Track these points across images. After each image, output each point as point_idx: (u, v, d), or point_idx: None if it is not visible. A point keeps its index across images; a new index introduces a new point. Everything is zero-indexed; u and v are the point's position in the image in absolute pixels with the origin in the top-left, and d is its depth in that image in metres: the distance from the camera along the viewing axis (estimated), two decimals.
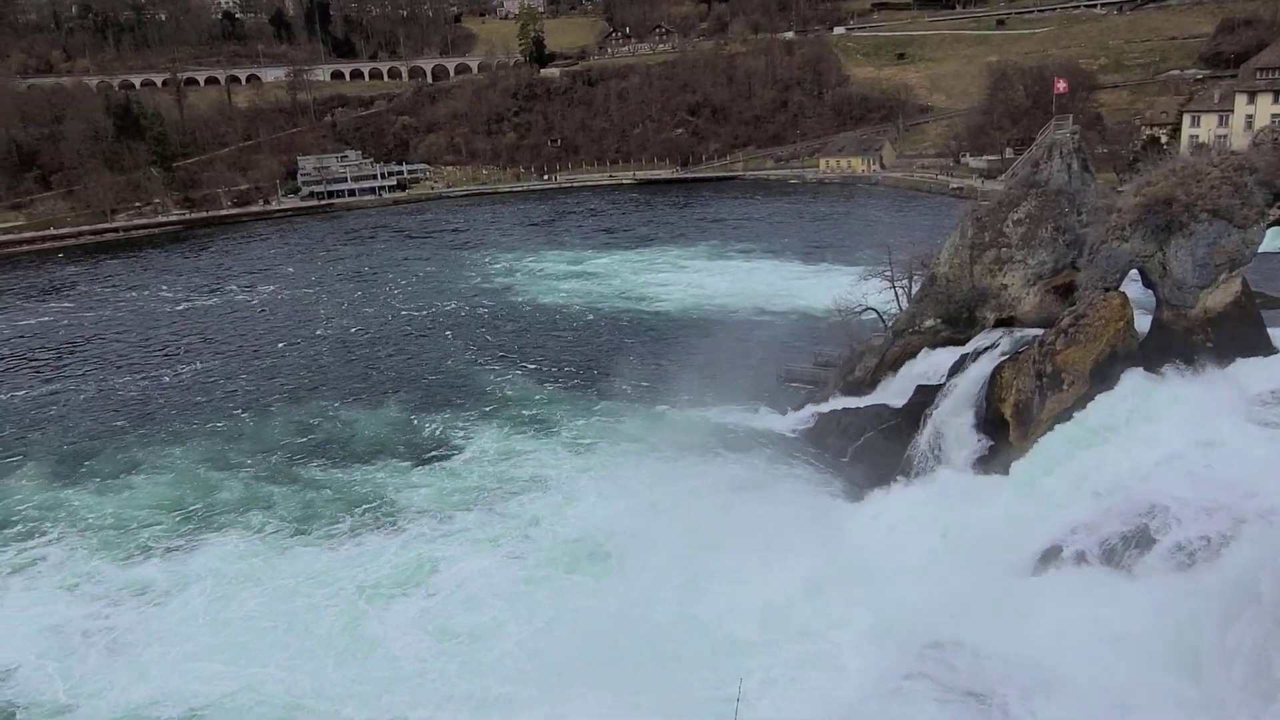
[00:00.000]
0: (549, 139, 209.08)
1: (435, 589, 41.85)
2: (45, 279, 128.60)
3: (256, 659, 37.37)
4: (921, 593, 35.00)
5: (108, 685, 36.24)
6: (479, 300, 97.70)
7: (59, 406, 69.91)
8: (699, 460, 51.49)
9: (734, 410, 58.85)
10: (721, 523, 43.55)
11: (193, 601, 42.00)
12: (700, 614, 37.33)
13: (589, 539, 44.96)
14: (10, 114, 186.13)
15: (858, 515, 43.44)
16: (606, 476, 51.59)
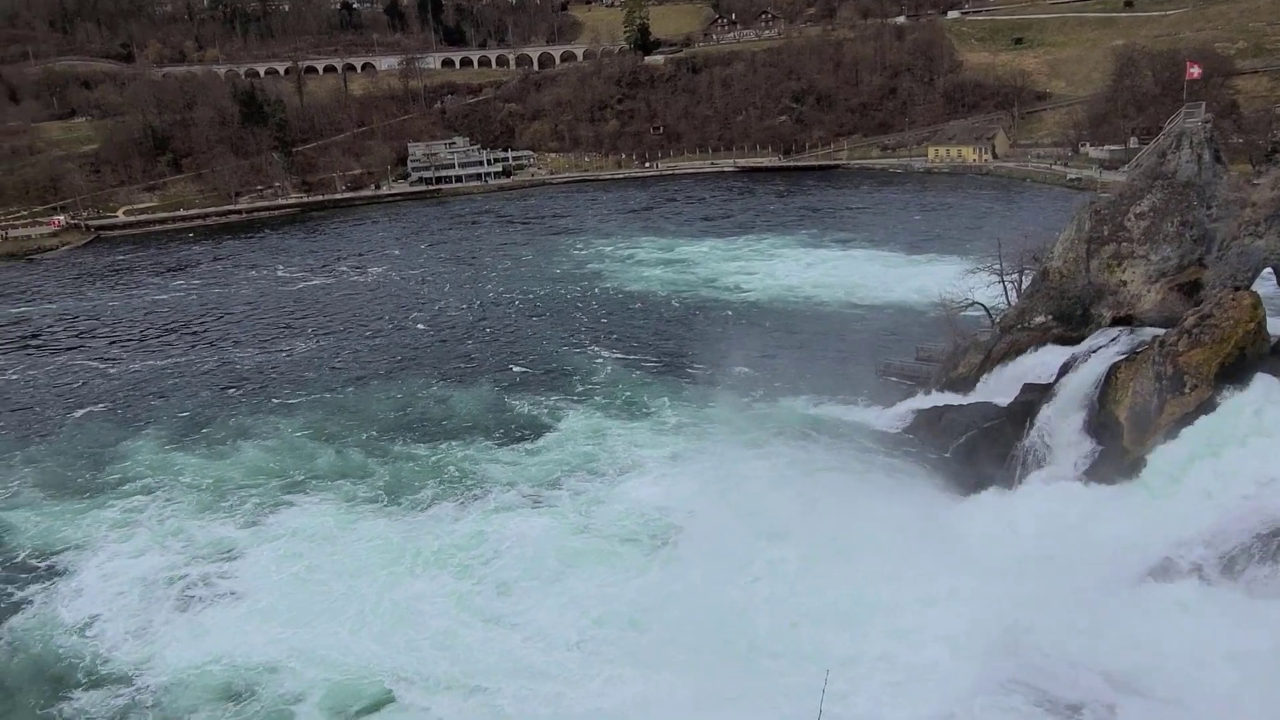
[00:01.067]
0: (651, 126, 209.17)
1: (504, 564, 42.73)
2: (174, 257, 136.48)
3: (310, 623, 38.91)
4: (1021, 598, 33.74)
5: (171, 641, 38.46)
6: (574, 285, 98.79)
7: (182, 376, 74.22)
8: (789, 450, 50.91)
9: (828, 402, 57.94)
10: (809, 513, 43.03)
11: (263, 562, 44.19)
12: (783, 602, 36.98)
13: (670, 520, 45.18)
14: (147, 101, 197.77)
15: (956, 514, 42.22)
16: (692, 461, 51.62)
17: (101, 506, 50.93)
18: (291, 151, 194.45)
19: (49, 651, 38.23)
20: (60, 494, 52.85)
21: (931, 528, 41.08)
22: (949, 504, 43.59)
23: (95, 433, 62.39)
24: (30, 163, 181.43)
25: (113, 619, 40.27)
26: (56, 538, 47.73)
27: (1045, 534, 37.67)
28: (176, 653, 37.57)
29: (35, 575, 44.44)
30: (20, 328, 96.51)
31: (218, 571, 43.70)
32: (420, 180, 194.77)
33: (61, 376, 77.04)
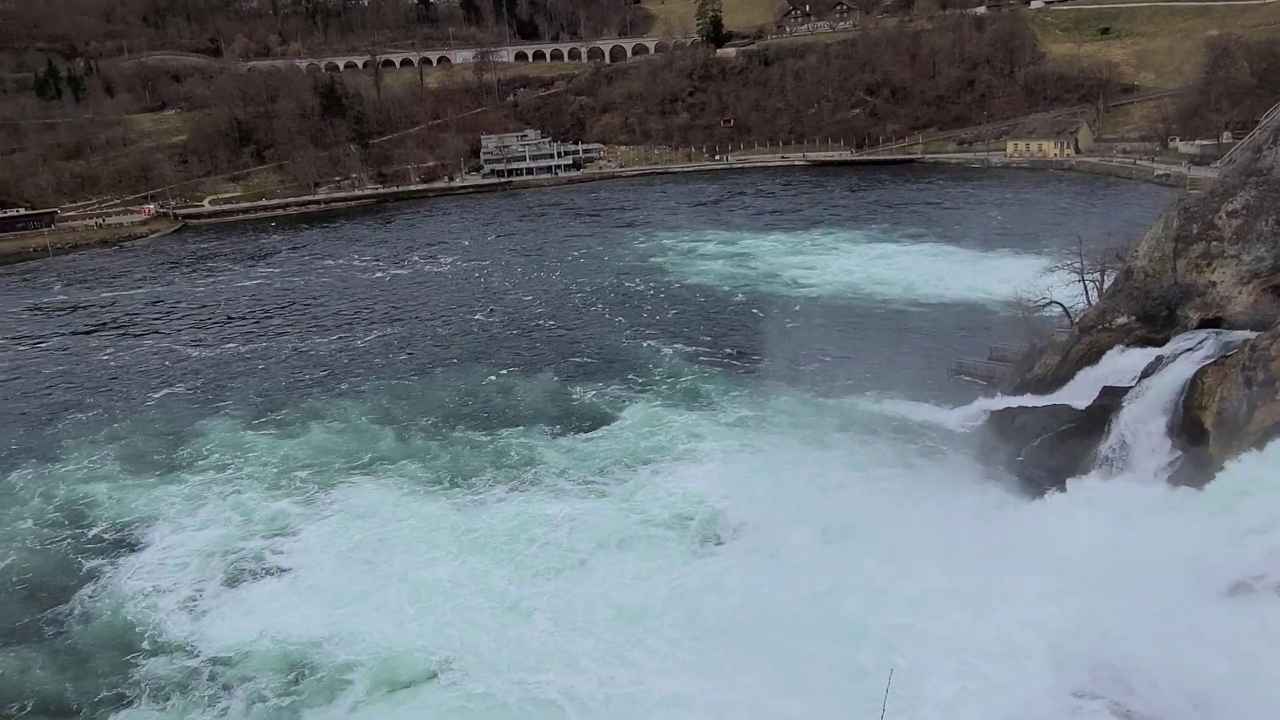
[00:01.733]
0: (722, 119, 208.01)
1: (549, 548, 43.13)
2: (255, 245, 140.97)
3: (357, 600, 39.85)
4: (1095, 606, 32.72)
5: (225, 613, 39.82)
6: (638, 277, 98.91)
7: (260, 360, 76.70)
8: (852, 446, 50.27)
9: (895, 399, 56.94)
10: (872, 510, 42.44)
11: (317, 539, 45.53)
12: (842, 600, 36.48)
13: (726, 512, 45.03)
14: (233, 94, 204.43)
15: (1028, 518, 41.11)
16: (751, 453, 51.35)
17: (173, 481, 53.23)
18: (368, 144, 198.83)
19: (117, 619, 39.94)
20: (137, 468, 55.37)
21: (1002, 531, 40.15)
22: (1020, 507, 42.49)
23: (174, 412, 65.04)
24: (123, 153, 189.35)
25: (173, 590, 41.91)
26: (129, 510, 49.98)
27: (1122, 542, 36.40)
28: (231, 625, 38.92)
29: (107, 546, 46.57)
30: (113, 311, 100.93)
31: (273, 547, 45.25)
32: (492, 172, 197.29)
33: (148, 358, 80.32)
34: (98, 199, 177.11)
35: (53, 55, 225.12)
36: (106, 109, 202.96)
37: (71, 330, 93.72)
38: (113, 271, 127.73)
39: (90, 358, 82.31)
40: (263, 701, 34.07)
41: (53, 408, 68.57)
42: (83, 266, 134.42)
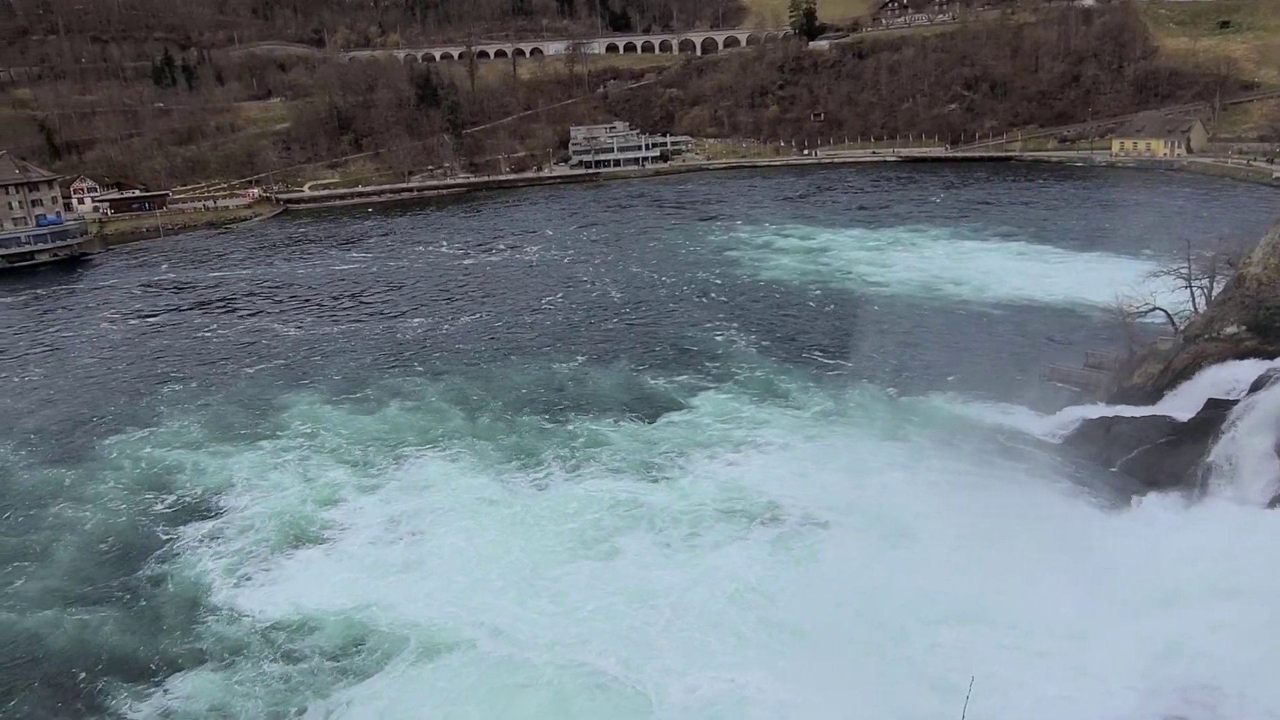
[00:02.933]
0: (812, 113, 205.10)
1: (602, 530, 43.38)
2: (351, 230, 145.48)
3: (401, 571, 40.95)
4: (1190, 628, 31.22)
5: (279, 584, 41.12)
6: (720, 269, 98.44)
7: (349, 340, 79.26)
8: (932, 448, 49.02)
9: (980, 402, 55.30)
10: (951, 514, 41.31)
11: (371, 512, 46.86)
12: (913, 602, 35.60)
13: (794, 506, 44.41)
14: (334, 83, 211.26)
15: (1120, 533, 39.45)
16: (823, 449, 50.57)
17: (253, 450, 55.67)
18: (461, 133, 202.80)
19: (185, 582, 41.78)
20: (222, 437, 58.10)
21: (1091, 544, 38.65)
22: (1112, 521, 40.82)
23: (264, 386, 67.91)
24: (231, 139, 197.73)
25: (239, 555, 43.65)
26: (208, 476, 52.45)
27: (1222, 562, 34.60)
28: (289, 590, 40.36)
29: (184, 511, 48.84)
30: (217, 290, 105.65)
31: (333, 516, 46.91)
32: (580, 163, 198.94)
33: (245, 335, 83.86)
34: (206, 183, 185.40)
35: (169, 45, 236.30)
36: (217, 97, 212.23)
37: (178, 307, 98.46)
38: (217, 252, 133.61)
39: (192, 333, 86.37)
40: (311, 665, 35.18)
41: (153, 379, 72.36)
42: (190, 247, 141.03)
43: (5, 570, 43.30)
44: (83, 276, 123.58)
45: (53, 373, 76.52)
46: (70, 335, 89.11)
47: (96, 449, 57.60)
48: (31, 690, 34.55)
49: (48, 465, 55.53)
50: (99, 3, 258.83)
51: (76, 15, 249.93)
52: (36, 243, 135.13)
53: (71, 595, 40.86)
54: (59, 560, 44.09)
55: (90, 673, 35.36)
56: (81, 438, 59.91)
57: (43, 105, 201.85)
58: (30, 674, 35.56)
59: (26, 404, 68.36)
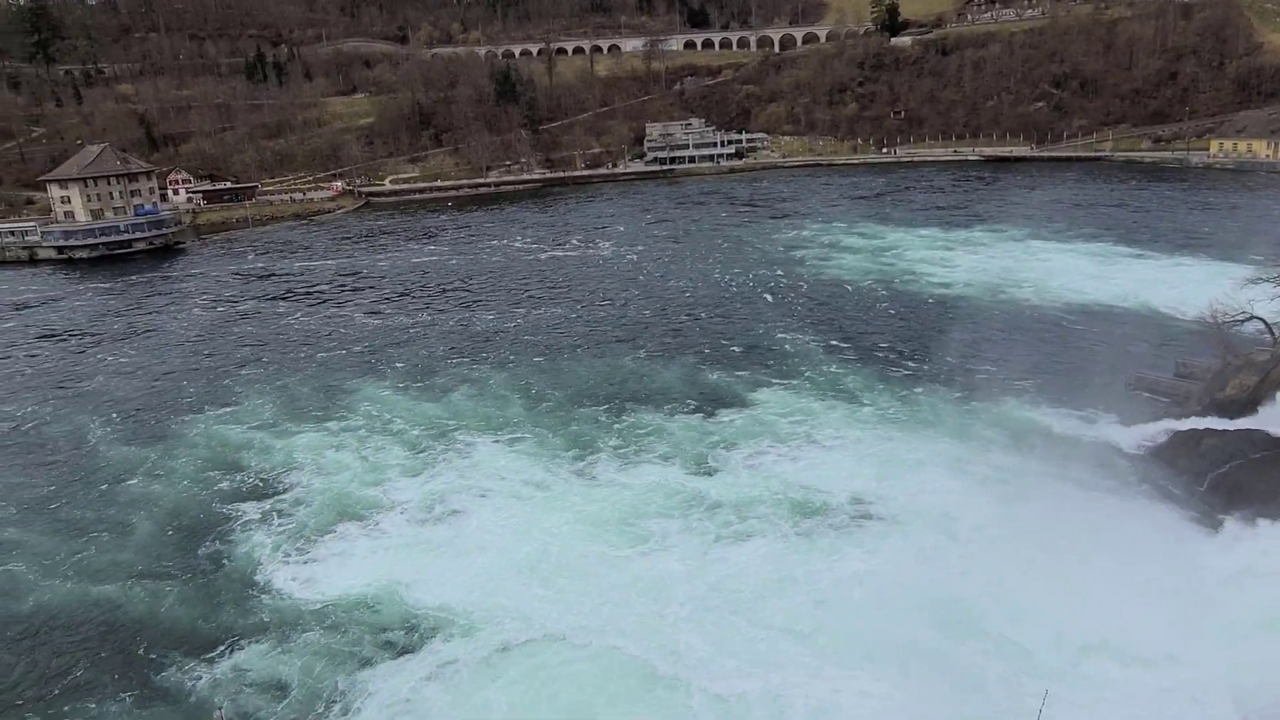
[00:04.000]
0: (892, 111, 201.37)
1: (647, 519, 43.44)
2: (428, 223, 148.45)
3: (440, 557, 41.57)
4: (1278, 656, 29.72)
5: (323, 566, 42.05)
6: (790, 267, 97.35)
7: (422, 330, 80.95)
8: (1005, 454, 47.69)
9: (1060, 411, 53.50)
10: (1022, 523, 40.13)
11: (420, 493, 47.78)
12: (988, 610, 34.57)
13: (857, 504, 43.74)
14: (416, 80, 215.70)
15: (1205, 553, 37.71)
16: (891, 449, 49.52)
17: (320, 431, 57.60)
18: (538, 129, 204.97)
19: (246, 558, 43.16)
20: (292, 419, 60.26)
21: (1173, 563, 37.00)
22: (1197, 540, 39.03)
23: (337, 371, 70.00)
24: (317, 134, 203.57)
25: (297, 533, 44.95)
26: (275, 455, 54.33)
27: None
28: (340, 570, 41.54)
29: (250, 489, 50.56)
30: (302, 280, 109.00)
31: (387, 497, 48.06)
32: (655, 160, 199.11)
33: (325, 323, 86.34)
34: (293, 175, 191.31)
35: (261, 42, 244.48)
36: (305, 92, 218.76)
37: (263, 295, 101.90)
38: (302, 243, 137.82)
39: (275, 320, 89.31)
40: (354, 639, 36.04)
41: (234, 362, 75.17)
42: (277, 237, 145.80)
43: (82, 540, 45.38)
44: (176, 264, 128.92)
45: (144, 354, 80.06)
46: (162, 319, 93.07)
47: (176, 427, 60.18)
48: (98, 655, 36.11)
49: (131, 442, 58.13)
50: (197, 1, 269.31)
51: (176, 14, 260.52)
52: (134, 231, 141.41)
53: (139, 567, 42.63)
54: (131, 533, 46.08)
55: (151, 641, 36.83)
56: (164, 416, 62.61)
57: (143, 100, 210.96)
58: (96, 640, 37.17)
59: (119, 383, 71.66)
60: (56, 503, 49.64)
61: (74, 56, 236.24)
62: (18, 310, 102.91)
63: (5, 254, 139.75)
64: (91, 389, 70.52)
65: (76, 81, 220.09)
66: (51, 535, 45.78)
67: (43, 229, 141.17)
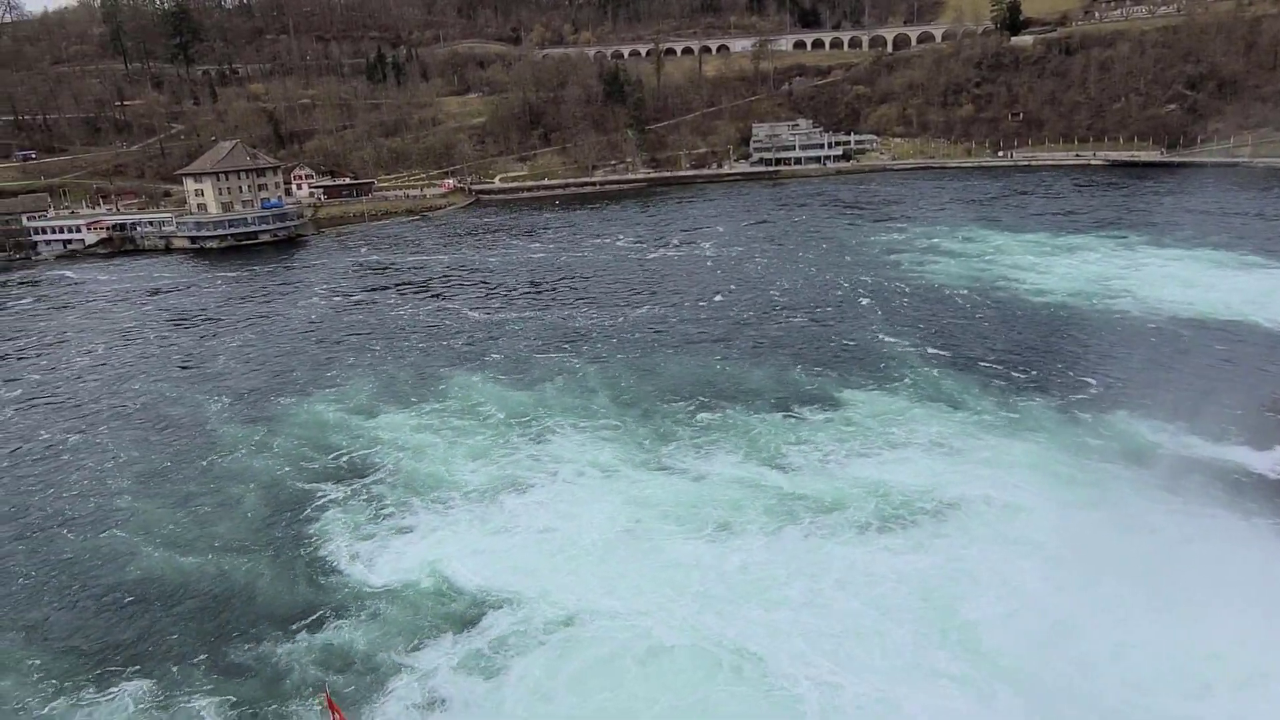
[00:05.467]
0: (1010, 113, 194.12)
1: (718, 514, 43.35)
2: (534, 221, 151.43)
3: (525, 541, 42.46)
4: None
5: (402, 546, 43.09)
6: (892, 271, 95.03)
7: (523, 324, 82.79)
8: (1120, 474, 45.30)
9: (1184, 430, 50.48)
10: (1136, 549, 37.96)
11: (499, 479, 48.83)
12: (1086, 639, 32.95)
13: (953, 512, 42.38)
14: (527, 80, 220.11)
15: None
16: (985, 459, 47.75)
17: (412, 415, 60.03)
18: (644, 129, 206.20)
19: (325, 535, 44.80)
20: (390, 402, 62.86)
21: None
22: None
23: (437, 360, 72.43)
24: (432, 132, 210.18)
25: (381, 514, 46.39)
26: (365, 438, 56.61)
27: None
28: (388, 562, 42.41)
29: (342, 470, 52.74)
30: (412, 273, 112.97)
31: (468, 481, 49.37)
32: (760, 161, 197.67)
33: (430, 315, 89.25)
34: (407, 173, 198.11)
35: (382, 43, 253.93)
36: (421, 92, 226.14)
37: (375, 286, 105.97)
38: (414, 238, 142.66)
39: (384, 310, 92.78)
40: (421, 619, 37.03)
41: (342, 348, 78.59)
42: (390, 232, 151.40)
43: (184, 512, 48.25)
44: (296, 255, 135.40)
45: (263, 338, 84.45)
46: (281, 307, 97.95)
47: (282, 407, 63.45)
48: (193, 624, 38.25)
49: (240, 420, 61.50)
50: (324, 4, 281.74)
51: (305, 16, 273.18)
52: (260, 224, 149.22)
53: (233, 540, 44.95)
54: (229, 506, 48.68)
55: (241, 612, 38.79)
56: (273, 397, 66.00)
57: (272, 98, 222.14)
58: (193, 609, 39.38)
59: (237, 365, 75.82)
60: (167, 475, 52.88)
61: (211, 58, 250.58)
62: (152, 295, 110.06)
63: (144, 243, 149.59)
64: (212, 370, 74.81)
65: (213, 81, 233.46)
66: (159, 506, 48.80)
67: (178, 220, 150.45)
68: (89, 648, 36.26)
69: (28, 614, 38.84)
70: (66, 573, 42.05)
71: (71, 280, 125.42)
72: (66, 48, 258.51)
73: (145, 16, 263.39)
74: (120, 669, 34.70)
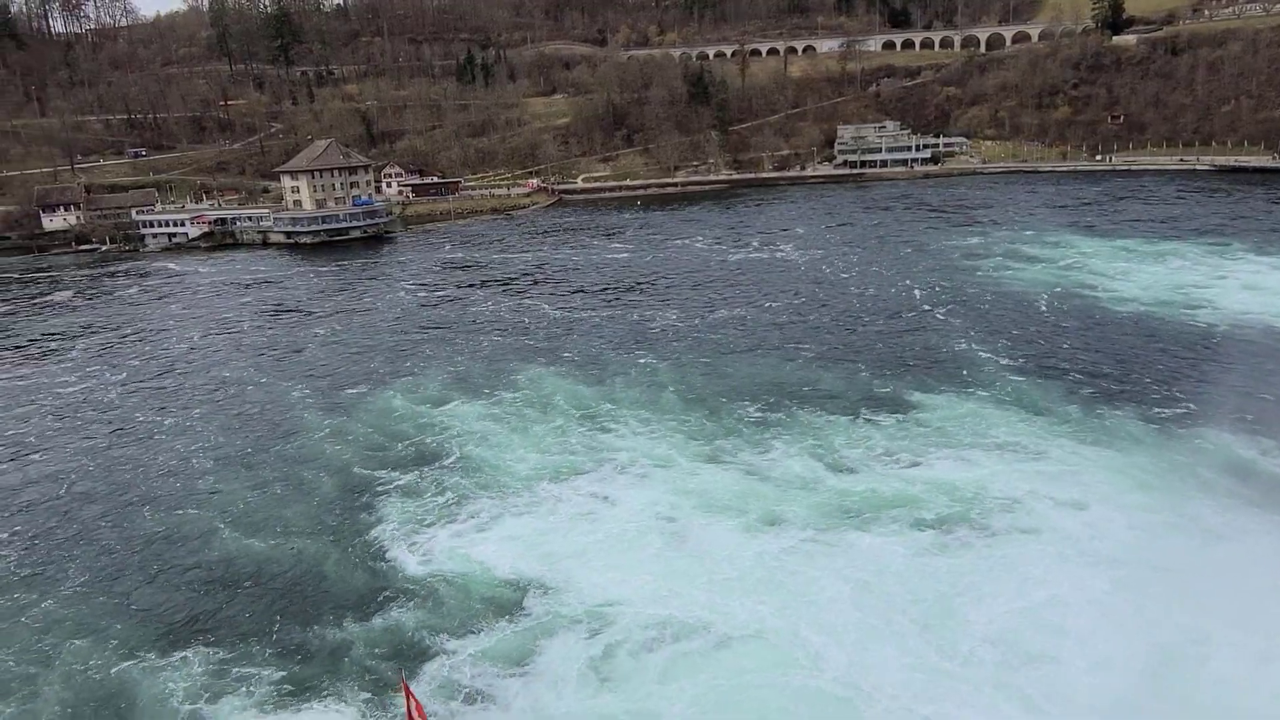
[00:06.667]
0: (1109, 115, 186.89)
1: (786, 513, 42.67)
2: (615, 222, 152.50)
3: (570, 536, 42.30)
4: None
5: (442, 535, 43.57)
6: (976, 276, 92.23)
7: (598, 322, 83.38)
8: (1210, 491, 43.01)
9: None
10: (1242, 573, 36.01)
11: (560, 471, 49.10)
12: (1187, 674, 31.49)
13: (1023, 522, 41.05)
14: (612, 81, 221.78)
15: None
16: (1068, 472, 45.86)
17: (479, 405, 61.30)
18: (727, 130, 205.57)
19: (390, 523, 45.46)
20: (461, 393, 64.03)
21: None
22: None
23: (511, 355, 73.57)
24: (517, 133, 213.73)
25: (446, 505, 46.99)
26: (433, 429, 57.54)
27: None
28: (478, 534, 43.29)
29: (411, 457, 53.59)
30: (494, 270, 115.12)
31: (529, 473, 49.74)
32: (844, 163, 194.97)
33: (509, 311, 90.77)
34: (493, 172, 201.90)
35: (471, 45, 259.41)
36: (508, 93, 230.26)
37: (457, 283, 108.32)
38: (497, 236, 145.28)
39: (464, 306, 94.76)
40: (481, 611, 37.30)
41: (422, 340, 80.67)
42: (475, 230, 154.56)
43: (255, 495, 49.86)
44: (384, 252, 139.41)
45: (348, 330, 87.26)
46: (368, 300, 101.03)
47: (357, 396, 65.41)
48: (248, 599, 39.53)
49: (320, 408, 63.54)
50: (417, 6, 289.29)
51: (398, 19, 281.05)
52: (351, 220, 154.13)
53: (297, 523, 46.26)
54: (297, 491, 50.18)
55: (296, 591, 39.84)
56: (352, 385, 68.07)
57: (365, 99, 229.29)
58: (248, 585, 40.67)
59: (323, 354, 78.53)
60: (245, 459, 54.98)
61: (309, 59, 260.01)
62: (248, 287, 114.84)
63: (242, 237, 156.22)
64: (300, 358, 77.66)
65: (310, 82, 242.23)
66: (236, 488, 50.74)
67: (274, 216, 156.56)
68: (163, 618, 38.09)
69: (111, 585, 41.03)
70: (148, 549, 44.24)
71: (174, 272, 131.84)
72: (176, 50, 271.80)
73: (249, 20, 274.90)
74: (189, 640, 36.36)
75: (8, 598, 40.38)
